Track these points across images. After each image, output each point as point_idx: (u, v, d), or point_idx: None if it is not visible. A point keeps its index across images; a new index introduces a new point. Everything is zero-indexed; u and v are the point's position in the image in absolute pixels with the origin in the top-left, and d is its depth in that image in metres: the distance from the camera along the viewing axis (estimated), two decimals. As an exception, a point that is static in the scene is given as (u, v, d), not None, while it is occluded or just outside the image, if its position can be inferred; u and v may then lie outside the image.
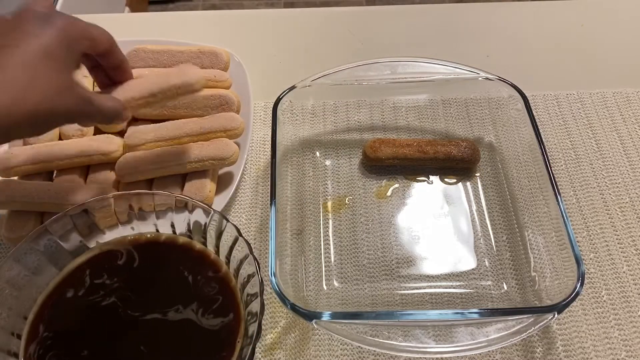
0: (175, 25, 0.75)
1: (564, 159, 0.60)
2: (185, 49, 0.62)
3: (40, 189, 0.52)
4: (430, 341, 0.46)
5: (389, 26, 0.74)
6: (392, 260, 0.53)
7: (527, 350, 0.48)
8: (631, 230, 0.55)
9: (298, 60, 0.70)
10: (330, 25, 0.75)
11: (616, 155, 0.60)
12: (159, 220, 0.48)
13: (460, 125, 0.62)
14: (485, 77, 0.57)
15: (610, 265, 0.52)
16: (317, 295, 0.51)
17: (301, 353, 0.48)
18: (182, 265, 0.46)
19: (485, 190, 0.57)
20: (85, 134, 0.57)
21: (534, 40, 0.72)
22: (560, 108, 0.64)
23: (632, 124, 0.62)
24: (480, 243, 0.54)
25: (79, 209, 0.46)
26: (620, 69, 0.68)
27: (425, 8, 0.78)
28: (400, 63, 0.58)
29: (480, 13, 0.77)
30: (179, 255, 0.47)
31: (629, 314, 0.50)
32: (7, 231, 0.51)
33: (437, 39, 0.73)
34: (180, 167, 0.53)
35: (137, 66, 0.61)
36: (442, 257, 0.53)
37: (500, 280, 0.51)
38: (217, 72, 0.60)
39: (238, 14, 0.79)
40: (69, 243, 0.46)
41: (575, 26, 0.73)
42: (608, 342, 0.48)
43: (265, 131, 0.62)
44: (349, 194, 0.57)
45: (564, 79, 0.67)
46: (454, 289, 0.51)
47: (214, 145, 0.54)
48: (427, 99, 0.64)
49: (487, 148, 0.60)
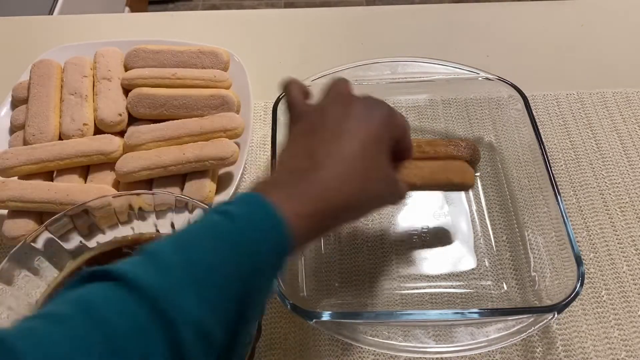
0: (175, 25, 0.75)
1: (564, 159, 0.60)
2: (185, 49, 0.62)
3: (40, 189, 0.52)
4: (430, 341, 0.46)
5: (389, 26, 0.74)
6: (392, 260, 0.53)
7: (527, 350, 0.48)
8: (631, 230, 0.55)
9: (298, 60, 0.70)
10: (330, 25, 0.75)
11: (616, 155, 0.60)
12: (159, 220, 0.48)
13: (460, 125, 0.62)
14: (485, 77, 0.57)
15: (610, 265, 0.52)
16: (317, 295, 0.51)
17: (301, 353, 0.48)
18: (182, 265, 0.46)
19: (485, 190, 0.57)
20: (85, 134, 0.57)
21: (534, 40, 0.72)
22: (560, 108, 0.64)
23: (632, 124, 0.62)
24: (480, 243, 0.54)
25: (79, 209, 0.46)
26: (620, 69, 0.68)
27: (425, 8, 0.78)
28: (400, 63, 0.58)
29: (480, 13, 0.77)
30: (179, 255, 0.47)
31: (629, 314, 0.50)
32: (7, 231, 0.51)
33: (437, 39, 0.73)
34: (180, 167, 0.53)
35: (137, 66, 0.61)
36: (442, 257, 0.53)
37: (500, 280, 0.51)
38: (217, 72, 0.60)
39: (238, 14, 0.79)
40: (69, 243, 0.46)
41: (575, 26, 0.73)
42: (608, 342, 0.48)
43: (265, 131, 0.62)
44: (349, 194, 0.57)
45: (564, 79, 0.67)
46: (454, 289, 0.51)
47: (214, 145, 0.54)
48: (427, 99, 0.64)
49: (487, 148, 0.60)
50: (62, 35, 0.73)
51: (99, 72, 0.61)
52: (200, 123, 0.55)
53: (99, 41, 0.66)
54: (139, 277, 0.27)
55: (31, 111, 0.58)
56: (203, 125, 0.55)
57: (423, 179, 0.54)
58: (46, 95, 0.59)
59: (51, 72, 0.61)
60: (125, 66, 0.62)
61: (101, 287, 0.28)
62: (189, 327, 0.27)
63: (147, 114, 0.58)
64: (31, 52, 0.67)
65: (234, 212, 0.31)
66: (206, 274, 0.29)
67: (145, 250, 0.30)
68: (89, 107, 0.59)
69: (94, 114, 0.58)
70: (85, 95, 0.59)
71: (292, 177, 0.34)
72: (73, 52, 0.64)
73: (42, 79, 0.60)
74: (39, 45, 0.70)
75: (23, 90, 0.61)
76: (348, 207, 0.35)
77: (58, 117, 0.58)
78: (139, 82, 0.59)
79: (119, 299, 0.27)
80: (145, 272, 0.28)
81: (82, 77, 0.60)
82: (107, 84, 0.60)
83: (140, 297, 0.27)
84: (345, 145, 0.36)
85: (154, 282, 0.27)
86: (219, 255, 0.29)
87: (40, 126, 0.57)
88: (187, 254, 0.29)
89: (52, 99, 0.59)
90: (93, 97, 0.60)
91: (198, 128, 0.55)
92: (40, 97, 0.59)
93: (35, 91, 0.59)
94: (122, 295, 0.27)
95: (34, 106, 0.58)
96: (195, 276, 0.28)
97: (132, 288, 0.27)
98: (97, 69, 0.61)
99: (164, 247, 0.29)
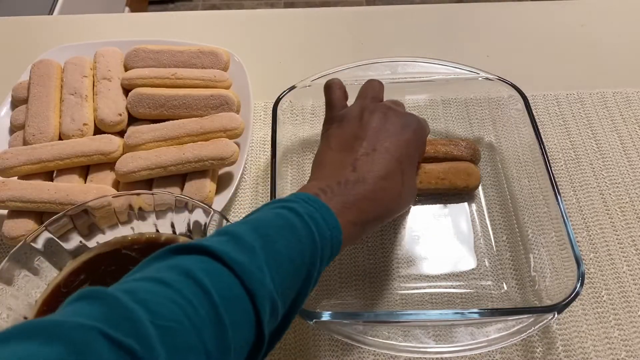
0: (175, 25, 0.75)
1: (564, 159, 0.60)
2: (185, 49, 0.62)
3: (40, 189, 0.52)
4: (430, 341, 0.46)
5: (389, 26, 0.74)
6: (392, 260, 0.53)
7: (527, 350, 0.48)
8: (631, 230, 0.55)
9: (298, 60, 0.70)
10: (330, 25, 0.75)
11: (616, 155, 0.60)
12: (159, 220, 0.48)
13: (460, 125, 0.62)
14: (485, 77, 0.57)
15: (610, 265, 0.52)
16: (317, 295, 0.51)
17: (301, 353, 0.48)
18: (182, 265, 0.46)
19: (485, 190, 0.57)
20: (85, 134, 0.57)
21: (534, 40, 0.72)
22: (560, 108, 0.64)
23: (632, 124, 0.62)
24: (480, 243, 0.54)
25: (79, 209, 0.46)
26: (620, 69, 0.68)
27: (425, 8, 0.78)
28: (400, 63, 0.58)
29: (480, 13, 0.76)
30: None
31: (629, 314, 0.50)
32: (7, 231, 0.51)
33: (437, 39, 0.73)
34: (180, 167, 0.53)
35: (137, 66, 0.62)
36: (442, 257, 0.53)
37: (500, 280, 0.51)
38: (217, 72, 0.60)
39: (238, 14, 0.79)
40: (69, 243, 0.46)
41: (575, 26, 0.73)
42: (608, 342, 0.48)
43: (265, 131, 0.62)
44: (349, 194, 0.57)
45: (564, 79, 0.67)
46: (454, 289, 0.51)
47: (214, 145, 0.54)
48: (427, 99, 0.64)
49: (487, 148, 0.60)
50: (62, 35, 0.73)
51: (98, 72, 0.61)
52: (200, 123, 0.55)
53: (99, 41, 0.66)
54: (228, 254, 0.31)
55: (31, 111, 0.58)
56: (203, 125, 0.55)
57: (429, 184, 0.55)
58: (46, 95, 0.59)
59: (51, 72, 0.61)
60: (125, 66, 0.62)
61: (195, 259, 0.31)
62: (267, 301, 0.32)
63: (147, 114, 0.58)
64: (31, 52, 0.67)
65: (299, 210, 0.36)
66: (281, 260, 0.34)
67: (226, 232, 0.34)
68: (89, 107, 0.59)
69: (94, 114, 0.58)
70: (85, 95, 0.59)
71: (342, 189, 0.40)
72: (73, 52, 0.64)
73: (42, 79, 0.60)
74: (39, 45, 0.70)
75: (23, 90, 0.61)
76: (382, 218, 0.42)
77: (58, 117, 0.58)
78: (138, 82, 0.59)
79: (216, 270, 0.31)
80: (233, 250, 0.32)
81: (82, 77, 0.60)
82: (107, 84, 0.60)
83: (232, 272, 0.31)
84: (385, 163, 0.42)
85: (243, 261, 0.32)
86: (291, 245, 0.34)
87: (40, 126, 0.57)
88: (265, 240, 0.34)
89: (52, 99, 0.59)
90: (93, 97, 0.60)
91: (198, 128, 0.55)
92: (40, 97, 0.59)
93: (35, 91, 0.59)
94: (218, 268, 0.31)
95: (34, 106, 0.58)
96: (274, 260, 0.33)
97: (225, 263, 0.31)
98: (97, 69, 0.61)
99: (245, 231, 0.34)
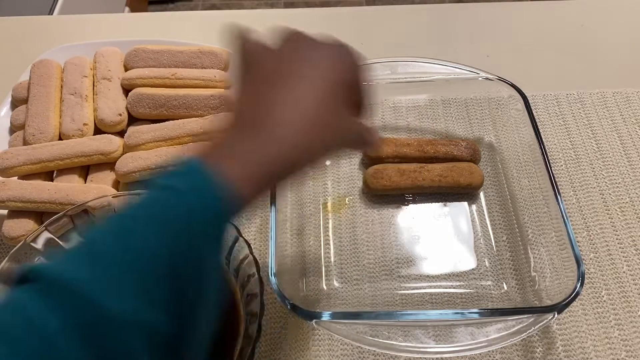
0: (175, 25, 0.75)
1: (564, 159, 0.60)
2: (185, 49, 0.62)
3: (40, 189, 0.52)
4: (430, 341, 0.46)
5: (389, 26, 0.74)
6: (392, 260, 0.53)
7: (527, 350, 0.48)
8: (631, 230, 0.55)
9: (298, 60, 0.70)
10: (330, 25, 0.74)
11: (616, 155, 0.60)
12: (159, 220, 0.48)
13: (460, 125, 0.62)
14: (485, 77, 0.57)
15: (610, 265, 0.52)
16: (317, 295, 0.51)
17: (301, 353, 0.48)
18: (182, 265, 0.46)
19: (485, 190, 0.57)
20: (85, 134, 0.57)
21: (534, 40, 0.72)
22: (560, 108, 0.64)
23: (632, 124, 0.62)
24: (480, 243, 0.54)
25: (79, 209, 0.46)
26: (620, 69, 0.68)
27: (425, 8, 0.78)
28: (400, 63, 0.58)
29: (480, 13, 0.76)
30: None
31: (629, 314, 0.50)
32: (7, 231, 0.51)
33: (437, 39, 0.73)
34: (180, 167, 0.53)
35: (137, 66, 0.61)
36: (442, 257, 0.53)
37: (500, 280, 0.51)
38: (217, 72, 0.60)
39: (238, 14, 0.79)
40: (69, 243, 0.46)
41: (575, 26, 0.73)
42: (608, 342, 0.48)
43: (265, 131, 0.62)
44: (349, 194, 0.57)
45: (564, 79, 0.67)
46: (454, 289, 0.51)
47: (214, 145, 0.54)
48: (427, 99, 0.64)
49: (487, 148, 0.60)
50: (62, 35, 0.73)
51: (98, 72, 0.61)
52: (200, 123, 0.55)
53: (99, 41, 0.66)
54: (62, 274, 0.26)
55: (31, 111, 0.58)
56: (203, 125, 0.55)
57: (432, 181, 0.55)
58: (46, 95, 0.59)
59: (51, 72, 0.61)
60: (125, 66, 0.62)
61: (21, 295, 0.26)
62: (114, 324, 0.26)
63: (147, 114, 0.58)
64: (31, 52, 0.67)
65: (177, 185, 0.30)
66: (134, 259, 0.27)
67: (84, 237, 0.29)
68: (89, 107, 0.59)
69: (94, 114, 0.58)
70: (85, 95, 0.59)
71: (243, 136, 0.32)
72: (73, 52, 0.64)
73: (42, 79, 0.60)
74: (39, 45, 0.70)
75: (23, 90, 0.61)
76: (303, 159, 0.34)
77: (58, 117, 0.58)
78: (138, 82, 0.59)
79: (33, 309, 0.25)
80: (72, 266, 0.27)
81: (82, 77, 0.60)
82: (107, 84, 0.60)
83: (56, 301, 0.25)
84: (298, 94, 0.33)
85: (78, 277, 0.26)
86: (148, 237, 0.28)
87: (40, 126, 0.57)
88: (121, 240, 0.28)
89: (52, 99, 0.59)
90: (93, 97, 0.60)
91: (198, 128, 0.55)
92: (40, 97, 0.59)
93: (35, 91, 0.59)
94: (36, 305, 0.25)
95: (34, 106, 0.58)
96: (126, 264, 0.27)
97: (50, 291, 0.26)
98: (97, 69, 0.61)
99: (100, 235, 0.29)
